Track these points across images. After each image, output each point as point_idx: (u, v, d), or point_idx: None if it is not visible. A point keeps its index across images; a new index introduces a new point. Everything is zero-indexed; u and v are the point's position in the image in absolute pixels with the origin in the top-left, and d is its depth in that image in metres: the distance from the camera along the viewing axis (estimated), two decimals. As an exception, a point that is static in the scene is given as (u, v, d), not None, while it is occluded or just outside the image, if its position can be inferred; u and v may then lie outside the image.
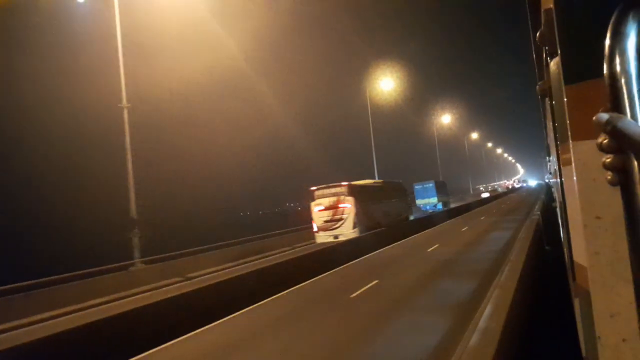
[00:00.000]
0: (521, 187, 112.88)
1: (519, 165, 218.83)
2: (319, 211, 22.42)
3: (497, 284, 7.52)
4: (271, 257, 19.69)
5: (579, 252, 1.85)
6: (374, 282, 11.50)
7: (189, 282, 14.33)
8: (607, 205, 0.96)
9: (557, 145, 2.92)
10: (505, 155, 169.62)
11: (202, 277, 14.88)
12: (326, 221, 22.15)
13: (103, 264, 15.72)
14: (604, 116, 0.65)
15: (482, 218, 30.29)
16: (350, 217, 21.80)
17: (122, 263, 16.07)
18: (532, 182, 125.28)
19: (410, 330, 7.20)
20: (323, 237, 21.97)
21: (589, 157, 1.00)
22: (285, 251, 22.17)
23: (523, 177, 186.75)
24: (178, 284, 13.92)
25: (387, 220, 25.55)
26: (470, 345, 4.59)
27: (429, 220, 28.69)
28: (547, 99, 4.38)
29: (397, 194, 30.25)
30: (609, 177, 0.66)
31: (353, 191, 22.44)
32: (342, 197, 22.11)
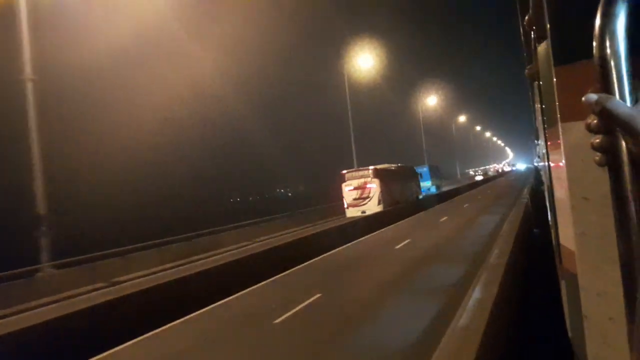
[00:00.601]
0: (511, 171, 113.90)
1: (508, 149, 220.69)
2: (349, 191, 27.31)
3: (487, 265, 7.63)
4: (217, 255, 17.68)
5: (566, 235, 1.87)
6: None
7: (112, 288, 12.51)
8: (594, 186, 0.97)
9: (544, 129, 2.94)
10: (495, 138, 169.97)
11: (133, 282, 12.94)
12: (355, 199, 27.00)
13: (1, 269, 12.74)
14: (593, 96, 0.65)
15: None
16: (376, 196, 26.65)
17: (26, 268, 13.17)
18: (521, 166, 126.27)
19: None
20: (352, 212, 26.70)
21: (577, 138, 1.00)
22: (243, 246, 20.00)
23: (512, 161, 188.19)
24: (98, 291, 12.17)
25: (403, 198, 30.76)
26: (460, 325, 4.66)
27: (433, 200, 34.44)
28: (535, 83, 4.39)
29: (410, 176, 35.36)
30: (597, 158, 0.66)
31: (378, 174, 27.34)
32: (368, 179, 27.00)
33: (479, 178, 77.77)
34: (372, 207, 26.25)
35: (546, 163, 5.16)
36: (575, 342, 2.42)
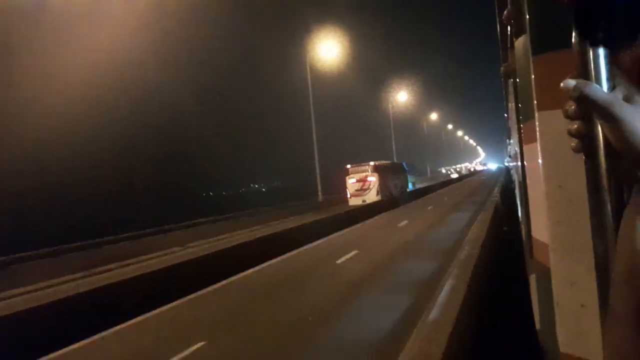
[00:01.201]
0: (482, 171, 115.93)
1: (479, 148, 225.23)
2: (352, 183, 32.08)
3: (458, 261, 7.76)
4: (129, 266, 14.62)
5: (538, 228, 1.90)
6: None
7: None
8: (570, 175, 0.98)
9: (519, 126, 2.99)
10: (466, 137, 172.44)
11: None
12: (357, 190, 31.72)
13: None
14: (571, 82, 0.64)
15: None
16: (375, 187, 31.42)
17: None
18: (493, 166, 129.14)
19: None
20: (354, 201, 30.86)
21: (554, 126, 1.01)
22: (164, 254, 16.68)
23: (484, 160, 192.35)
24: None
25: (395, 190, 35.52)
26: (430, 319, 4.73)
27: (416, 193, 39.15)
28: (510, 81, 4.48)
29: (400, 172, 40.47)
30: (573, 145, 0.66)
31: (376, 169, 32.31)
32: (368, 173, 31.79)
33: (454, 176, 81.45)
34: (372, 197, 30.94)
35: (519, 161, 5.29)
36: (544, 335, 2.48)
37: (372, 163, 32.69)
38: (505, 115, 11.13)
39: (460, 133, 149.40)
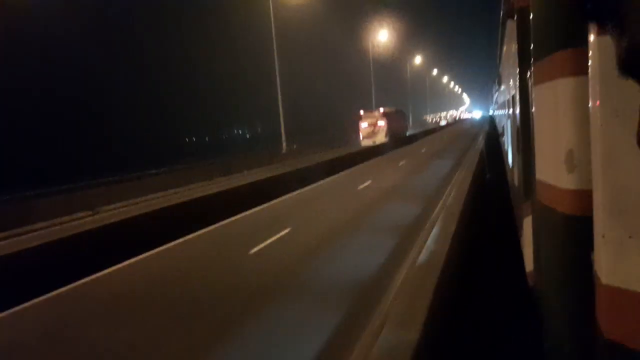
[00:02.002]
0: (467, 119, 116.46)
1: (465, 95, 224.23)
2: (364, 127, 37.74)
3: (444, 205, 7.92)
4: None
5: (545, 170, 1.88)
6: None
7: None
8: (626, 100, 0.93)
9: (524, 67, 2.91)
10: (452, 84, 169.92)
11: None
12: (369, 132, 37.40)
13: None
14: None
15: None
16: (383, 131, 37.34)
17: None
18: (477, 114, 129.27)
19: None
20: (366, 142, 36.19)
21: (611, 48, 0.95)
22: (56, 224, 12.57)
23: (469, 108, 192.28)
24: None
25: (398, 133, 41.28)
26: (418, 263, 4.85)
27: (413, 138, 44.13)
28: (511, 21, 4.32)
29: (403, 117, 48.23)
30: None
31: (384, 115, 38.31)
32: (378, 118, 37.74)
33: (442, 123, 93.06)
34: (381, 138, 36.68)
35: (511, 108, 5.24)
36: (536, 276, 2.55)
37: (381, 110, 39.17)
38: (498, 62, 10.96)
39: (445, 79, 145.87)
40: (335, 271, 7.15)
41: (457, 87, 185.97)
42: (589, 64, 1.07)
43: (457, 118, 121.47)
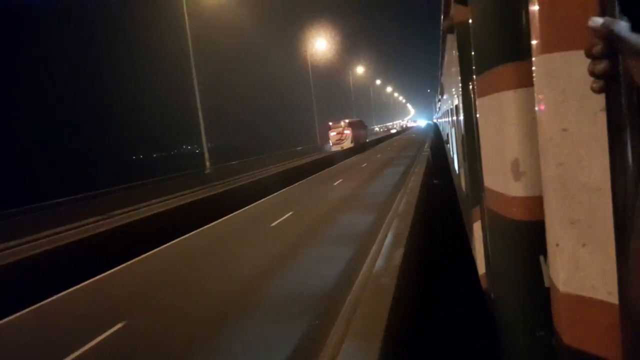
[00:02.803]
0: (413, 127, 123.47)
1: (409, 106, 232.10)
2: (333, 135, 45.25)
3: (396, 213, 8.08)
4: None
5: (492, 178, 1.97)
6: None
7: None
8: (574, 117, 0.99)
9: (466, 80, 3.05)
10: (396, 94, 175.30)
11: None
12: (337, 140, 44.63)
13: None
14: (599, 20, 0.61)
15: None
16: (349, 138, 44.76)
17: None
18: (422, 122, 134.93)
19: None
20: (335, 148, 42.85)
21: (558, 69, 1.00)
22: None
23: (414, 117, 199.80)
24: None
25: (360, 140, 48.23)
26: (375, 272, 4.91)
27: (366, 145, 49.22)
28: (451, 35, 4.53)
29: (363, 127, 55.71)
30: (595, 85, 0.64)
31: (350, 124, 46.09)
32: (344, 128, 45.22)
33: (393, 131, 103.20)
34: (347, 144, 43.70)
35: (457, 116, 5.48)
36: (488, 279, 2.64)
37: (346, 120, 47.23)
38: (439, 72, 11.45)
39: (389, 89, 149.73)
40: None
41: (401, 97, 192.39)
42: (534, 78, 1.13)
43: (404, 126, 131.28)
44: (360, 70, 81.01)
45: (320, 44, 52.09)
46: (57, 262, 9.48)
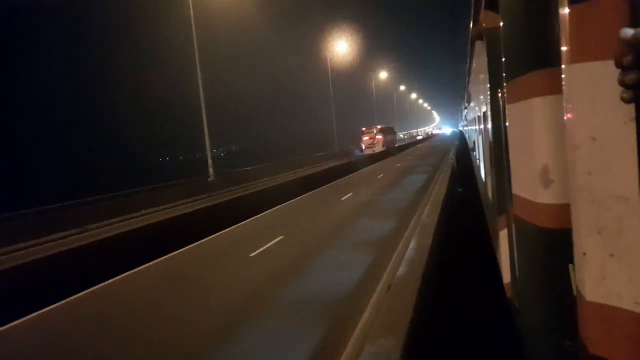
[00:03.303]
0: (438, 135, 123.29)
1: (434, 113, 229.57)
2: (365, 139, 49.85)
3: (419, 220, 8.04)
4: None
5: (520, 185, 1.96)
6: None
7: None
8: (603, 126, 0.99)
9: (496, 87, 3.03)
10: (420, 101, 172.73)
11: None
12: (369, 144, 49.18)
13: None
14: (629, 31, 0.63)
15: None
16: (380, 143, 49.44)
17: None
18: (447, 130, 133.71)
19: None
20: (367, 151, 47.64)
21: (588, 78, 1.01)
22: None
23: (439, 125, 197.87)
24: None
25: (390, 145, 53.01)
26: (398, 275, 4.90)
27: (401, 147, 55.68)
28: (478, 42, 4.51)
29: (393, 132, 62.01)
30: (625, 95, 0.65)
31: (381, 130, 51.08)
32: (376, 133, 50.01)
33: (419, 137, 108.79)
34: (378, 148, 48.16)
35: (484, 124, 5.43)
36: (514, 288, 2.62)
37: (378, 126, 52.21)
38: (467, 80, 11.35)
39: (414, 95, 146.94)
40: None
41: (426, 104, 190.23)
42: (564, 87, 1.13)
43: (429, 133, 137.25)
44: (383, 75, 79.17)
45: (342, 46, 50.56)
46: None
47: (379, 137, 49.79)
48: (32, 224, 14.38)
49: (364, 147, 49.00)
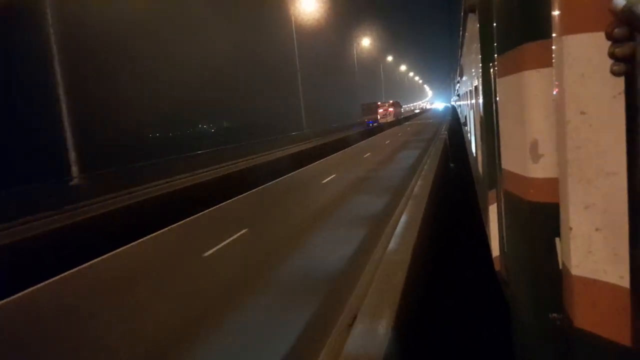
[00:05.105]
0: (431, 109, 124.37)
1: (427, 87, 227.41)
2: (381, 111, 59.70)
3: (411, 193, 8.07)
4: None
5: (510, 160, 1.95)
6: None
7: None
8: (593, 100, 0.98)
9: (488, 60, 2.99)
10: (411, 74, 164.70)
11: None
12: (382, 115, 59.03)
13: None
14: (621, 2, 0.61)
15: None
16: (392, 114, 62.01)
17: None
18: (440, 105, 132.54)
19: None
20: (382, 120, 57.41)
21: (578, 50, 0.99)
22: None
23: (431, 99, 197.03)
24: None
25: (398, 117, 65.24)
26: (389, 250, 4.94)
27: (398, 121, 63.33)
28: (471, 15, 4.43)
29: (399, 106, 73.30)
30: (616, 68, 0.63)
31: (392, 104, 63.96)
32: (388, 106, 62.45)
33: (417, 111, 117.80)
34: (390, 118, 59.55)
35: (475, 99, 5.39)
36: (503, 261, 2.65)
37: (390, 101, 64.77)
38: (459, 53, 11.21)
39: (403, 67, 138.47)
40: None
41: (417, 77, 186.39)
42: (554, 60, 1.11)
43: (424, 108, 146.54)
44: (366, 42, 67.71)
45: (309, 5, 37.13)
46: None
47: (391, 109, 62.76)
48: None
49: (379, 117, 58.76)
